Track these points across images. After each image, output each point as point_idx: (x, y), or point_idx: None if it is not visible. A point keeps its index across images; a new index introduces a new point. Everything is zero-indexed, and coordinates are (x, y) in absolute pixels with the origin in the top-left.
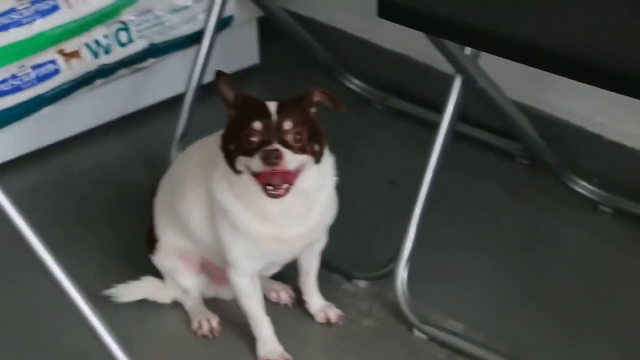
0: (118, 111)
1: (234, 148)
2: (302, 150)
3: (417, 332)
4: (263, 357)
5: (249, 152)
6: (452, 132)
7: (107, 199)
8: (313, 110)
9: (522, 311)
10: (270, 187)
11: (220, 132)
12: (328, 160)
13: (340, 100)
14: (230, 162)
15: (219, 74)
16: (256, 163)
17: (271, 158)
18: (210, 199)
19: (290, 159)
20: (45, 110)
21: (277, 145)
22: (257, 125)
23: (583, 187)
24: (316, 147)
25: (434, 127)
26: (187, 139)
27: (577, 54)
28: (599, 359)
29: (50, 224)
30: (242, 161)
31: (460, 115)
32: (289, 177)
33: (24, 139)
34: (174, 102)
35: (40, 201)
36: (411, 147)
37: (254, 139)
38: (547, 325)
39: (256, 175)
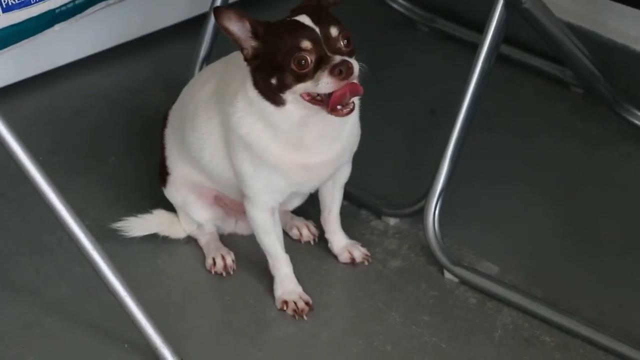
0: (136, 31)
1: (280, 80)
2: (352, 53)
3: (447, 275)
4: (280, 298)
5: (308, 76)
6: (493, 57)
7: (121, 124)
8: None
9: (564, 254)
10: (340, 107)
11: (227, 58)
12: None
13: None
14: (274, 97)
15: (218, 11)
16: (325, 83)
17: (344, 71)
18: (227, 132)
19: (356, 66)
20: (58, 28)
21: (339, 56)
22: (307, 44)
23: None
24: None
25: None
26: (211, 61)
27: None
28: None
29: (60, 150)
30: (298, 90)
31: (506, 39)
32: (359, 89)
33: (35, 58)
34: (197, 22)
35: (51, 125)
36: (456, 73)
37: (309, 59)
38: (589, 271)
39: (317, 98)
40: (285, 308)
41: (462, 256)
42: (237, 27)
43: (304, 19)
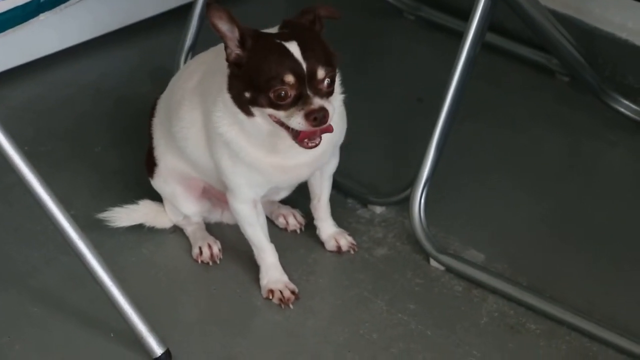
0: (121, 20)
1: (253, 97)
2: (332, 92)
3: (433, 263)
4: (266, 287)
5: (283, 107)
6: (479, 45)
7: (108, 114)
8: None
9: (549, 242)
10: (307, 140)
11: (215, 48)
12: (336, 76)
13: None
14: (243, 107)
15: (210, 8)
16: (297, 123)
17: (319, 119)
18: (208, 126)
19: (332, 113)
20: (43, 17)
21: (319, 102)
22: (290, 79)
23: (627, 107)
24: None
25: None
26: (197, 51)
27: None
28: (629, 300)
29: (46, 139)
30: (267, 112)
31: (491, 27)
32: (329, 129)
33: (21, 48)
34: (183, 11)
35: (38, 115)
36: (442, 62)
37: (288, 94)
38: (574, 258)
39: (286, 126)
40: (271, 297)
41: (448, 244)
42: (226, 29)
43: (294, 48)
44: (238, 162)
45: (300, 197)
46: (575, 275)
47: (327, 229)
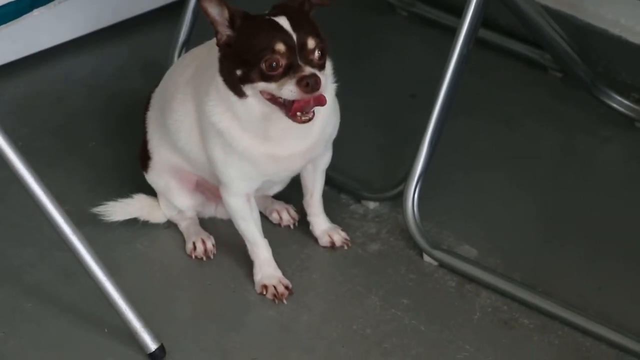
0: (115, 16)
1: (244, 73)
2: (323, 65)
3: (427, 258)
4: (260, 282)
5: (274, 78)
6: (472, 41)
7: (101, 110)
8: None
9: (543, 238)
10: (300, 114)
11: (210, 42)
12: (328, 64)
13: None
14: (235, 87)
15: None
16: (289, 91)
17: (311, 85)
18: (201, 118)
19: (324, 81)
20: (37, 13)
21: (311, 69)
22: (281, 47)
23: (619, 102)
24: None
25: None
26: (191, 46)
27: None
28: (622, 295)
29: (40, 136)
30: (259, 87)
31: (484, 23)
32: (323, 101)
33: (14, 44)
34: (176, 7)
35: (31, 111)
36: (435, 58)
37: (280, 63)
38: (567, 253)
39: (279, 100)
40: (265, 292)
41: (441, 239)
42: (215, 11)
43: (283, 21)
44: (231, 154)
45: (293, 193)
46: (568, 271)
47: (320, 224)
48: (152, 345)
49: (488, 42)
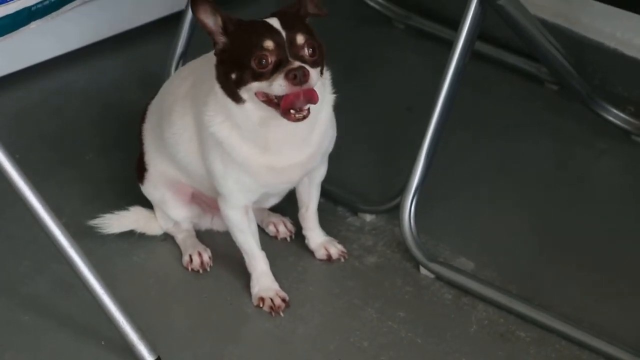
0: (112, 29)
1: (238, 76)
2: (316, 63)
3: (423, 270)
4: (257, 295)
5: (265, 76)
6: (468, 54)
7: (98, 122)
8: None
9: (540, 251)
10: (293, 111)
11: (207, 55)
12: (325, 74)
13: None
14: (232, 92)
15: (194, 2)
16: (279, 85)
17: (299, 77)
18: (200, 129)
19: (314, 75)
20: (34, 25)
21: (299, 63)
22: (269, 44)
23: (615, 115)
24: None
25: None
26: (187, 59)
27: None
28: (620, 309)
29: (37, 147)
30: (253, 88)
31: (481, 36)
32: (314, 96)
33: (11, 56)
34: (173, 20)
35: (28, 123)
36: (432, 71)
37: (269, 59)
38: (563, 266)
39: (273, 100)
40: (261, 305)
41: (438, 252)
42: (211, 21)
43: (274, 21)
44: (230, 165)
45: (289, 206)
46: (564, 284)
47: (316, 238)
48: (149, 358)
49: (484, 55)
